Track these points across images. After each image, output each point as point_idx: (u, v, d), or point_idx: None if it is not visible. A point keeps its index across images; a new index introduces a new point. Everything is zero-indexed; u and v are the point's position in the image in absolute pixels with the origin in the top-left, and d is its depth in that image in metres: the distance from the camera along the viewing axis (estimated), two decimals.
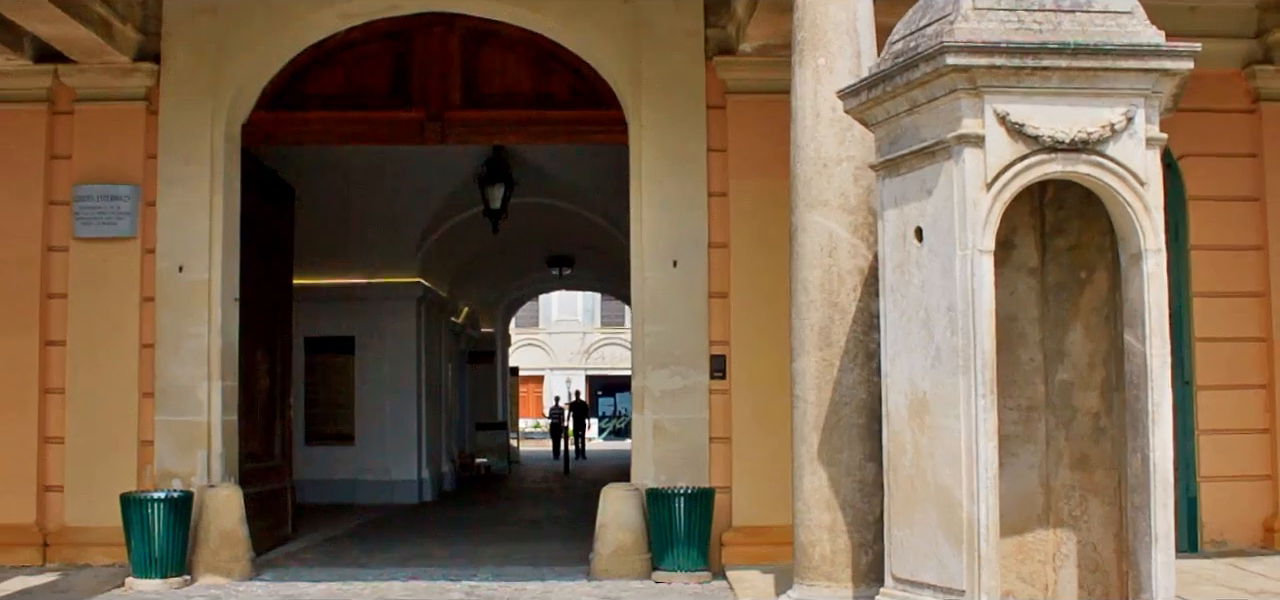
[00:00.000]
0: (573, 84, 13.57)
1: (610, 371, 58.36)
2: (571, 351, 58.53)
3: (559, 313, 58.22)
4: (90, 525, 12.55)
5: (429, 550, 14.71)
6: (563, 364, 58.12)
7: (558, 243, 25.27)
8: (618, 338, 59.34)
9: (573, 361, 58.09)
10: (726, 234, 12.81)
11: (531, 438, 45.87)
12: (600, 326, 59.80)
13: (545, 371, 57.88)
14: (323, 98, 13.67)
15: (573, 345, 58.59)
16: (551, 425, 38.83)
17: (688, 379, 12.72)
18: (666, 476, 12.49)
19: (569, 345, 58.63)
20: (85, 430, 12.70)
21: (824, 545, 8.85)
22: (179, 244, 12.78)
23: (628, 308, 54.77)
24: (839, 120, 8.93)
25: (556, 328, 58.63)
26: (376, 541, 15.68)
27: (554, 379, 57.83)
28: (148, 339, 12.80)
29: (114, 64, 12.72)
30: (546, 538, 16.28)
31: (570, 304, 56.99)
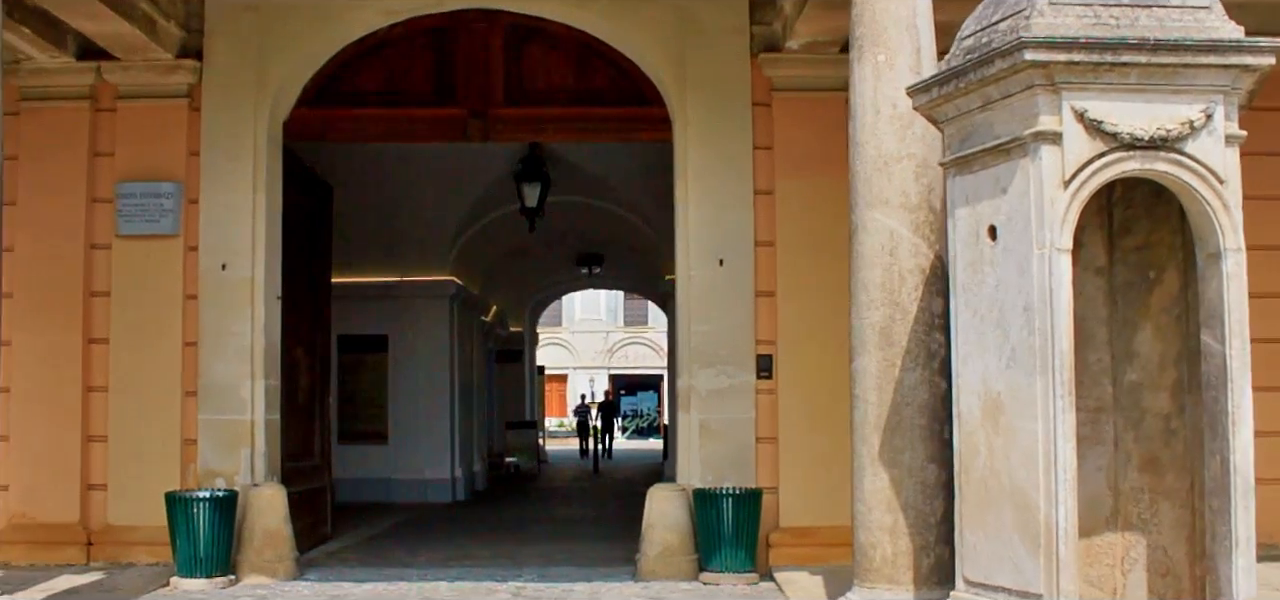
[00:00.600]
0: (615, 81, 13.48)
1: (633, 370, 58.29)
2: (594, 350, 58.38)
3: (582, 312, 58.11)
4: (134, 524, 12.50)
5: (470, 550, 14.62)
6: (586, 363, 57.99)
7: (588, 241, 25.15)
8: (641, 337, 59.25)
9: (596, 360, 57.96)
10: (772, 232, 12.71)
11: (555, 437, 45.78)
12: (623, 325, 59.65)
13: (568, 370, 57.75)
14: (364, 95, 13.61)
15: (596, 344, 58.46)
16: (578, 424, 38.67)
17: (734, 378, 12.63)
18: (713, 477, 12.39)
19: (592, 344, 58.51)
20: (128, 429, 12.63)
21: (885, 547, 8.74)
22: (222, 241, 12.72)
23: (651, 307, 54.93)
24: (899, 117, 8.83)
25: (580, 327, 58.50)
26: (416, 541, 15.59)
27: (577, 378, 57.67)
28: (190, 337, 12.74)
29: (157, 61, 12.66)
30: (585, 538, 16.17)
31: (593, 303, 56.88)
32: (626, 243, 24.24)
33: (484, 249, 22.58)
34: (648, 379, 57.35)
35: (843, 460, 12.19)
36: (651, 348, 58.68)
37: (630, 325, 59.54)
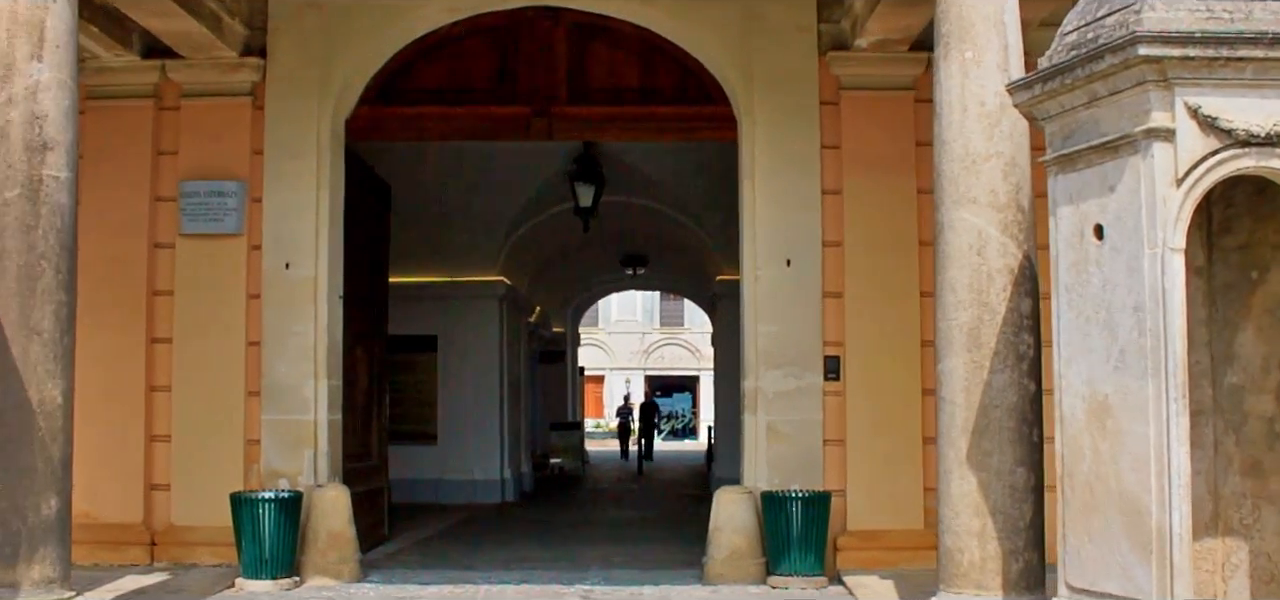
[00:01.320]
0: (680, 79, 13.37)
1: (669, 372, 58.13)
2: (631, 351, 58.23)
3: (619, 313, 57.97)
4: (196, 524, 12.43)
5: (529, 553, 14.52)
6: (622, 364, 57.87)
7: (634, 242, 24.99)
8: (677, 338, 59.10)
9: (632, 361, 57.80)
10: (840, 233, 12.59)
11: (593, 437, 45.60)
12: (660, 326, 59.50)
13: (605, 371, 57.62)
14: (426, 92, 13.53)
15: (632, 345, 58.31)
16: (620, 425, 38.40)
17: (802, 380, 12.50)
18: (779, 479, 12.27)
19: (628, 345, 58.37)
20: (191, 429, 12.58)
21: (973, 552, 8.63)
22: (285, 240, 12.66)
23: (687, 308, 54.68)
24: (987, 115, 8.72)
25: (616, 328, 58.34)
26: (473, 543, 15.51)
27: (614, 379, 57.58)
28: (253, 336, 12.69)
29: (221, 59, 12.61)
30: (642, 540, 16.05)
31: (630, 304, 56.74)
32: (672, 244, 24.12)
33: (532, 249, 22.50)
34: (684, 380, 57.22)
35: (911, 463, 12.32)
36: (687, 349, 58.56)
37: (666, 326, 59.38)
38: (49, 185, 9.06)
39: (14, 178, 8.95)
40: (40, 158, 9.02)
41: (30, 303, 8.95)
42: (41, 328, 8.98)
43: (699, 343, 58.07)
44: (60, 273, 9.11)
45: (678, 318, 58.63)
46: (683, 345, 59.12)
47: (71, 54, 9.33)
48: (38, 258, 8.98)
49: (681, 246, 24.03)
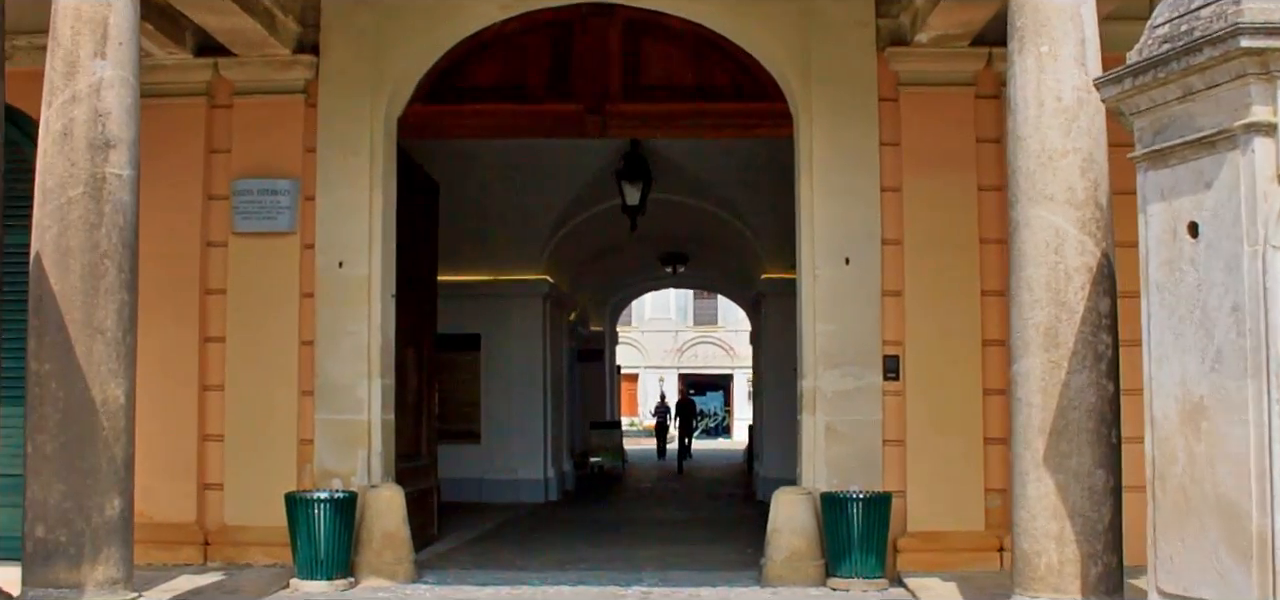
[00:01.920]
0: (735, 76, 13.21)
1: (702, 370, 57.94)
2: (664, 350, 58.03)
3: (652, 311, 57.75)
4: (250, 524, 12.34)
5: (581, 553, 14.40)
6: (656, 363, 57.67)
7: (675, 240, 24.82)
8: (711, 336, 58.90)
9: (665, 360, 57.61)
10: (899, 230, 12.42)
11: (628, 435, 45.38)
12: (693, 325, 59.33)
13: (639, 370, 57.46)
14: (479, 90, 13.40)
15: (665, 344, 58.11)
16: (657, 424, 38.11)
17: (861, 380, 12.34)
18: (839, 480, 12.11)
19: (662, 344, 58.18)
20: (244, 428, 12.49)
21: (1050, 555, 8.46)
22: (339, 239, 12.57)
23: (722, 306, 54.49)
24: (1065, 110, 8.58)
25: (650, 326, 58.14)
26: (523, 542, 15.41)
27: (647, 377, 57.44)
28: (307, 335, 12.59)
29: (274, 57, 12.51)
30: (694, 540, 15.92)
31: (663, 302, 56.51)
32: (714, 242, 23.97)
33: (574, 247, 22.38)
34: (717, 378, 57.04)
35: (972, 464, 12.17)
36: (721, 347, 58.36)
37: (700, 325, 59.19)
38: (112, 183, 8.99)
39: (77, 176, 8.90)
40: (103, 156, 8.96)
41: (93, 301, 8.89)
42: (105, 326, 8.92)
43: (733, 341, 57.88)
44: (123, 271, 9.05)
45: (711, 316, 58.43)
46: (716, 344, 58.91)
47: (134, 51, 9.26)
48: (101, 256, 8.92)
49: (723, 245, 23.87)
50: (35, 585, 8.71)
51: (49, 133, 8.97)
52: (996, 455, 12.19)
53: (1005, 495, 12.05)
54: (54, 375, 8.82)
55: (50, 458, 8.78)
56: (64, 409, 8.79)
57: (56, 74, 8.99)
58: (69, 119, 8.90)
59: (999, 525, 12.13)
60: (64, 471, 8.75)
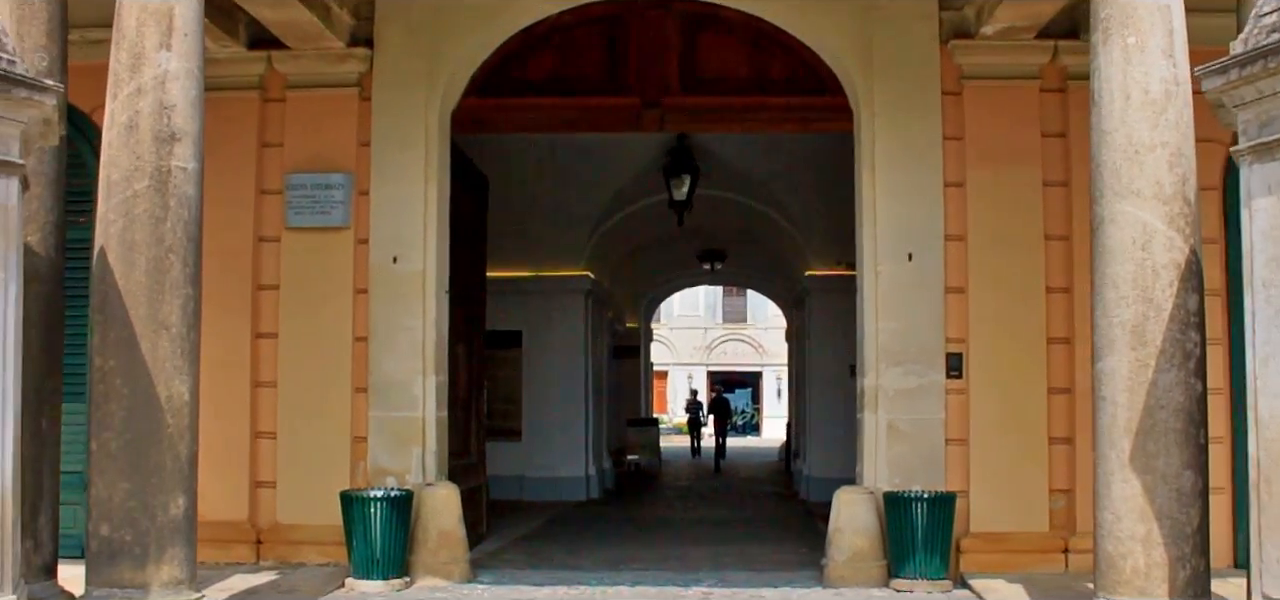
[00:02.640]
0: (794, 69, 13.03)
1: (731, 368, 57.69)
2: (693, 347, 57.79)
3: (681, 308, 57.46)
4: (302, 523, 12.21)
5: (632, 553, 14.21)
6: (684, 360, 57.43)
7: (714, 235, 24.58)
8: (739, 333, 58.67)
9: (694, 357, 57.38)
10: (963, 226, 12.22)
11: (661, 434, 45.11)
12: (722, 322, 59.08)
13: (668, 367, 57.17)
14: (532, 83, 13.26)
15: (694, 341, 57.87)
16: (690, 421, 37.70)
17: (924, 378, 12.14)
18: (900, 479, 11.93)
19: (691, 341, 57.92)
20: (297, 426, 12.35)
21: (1136, 558, 8.26)
22: (393, 234, 12.41)
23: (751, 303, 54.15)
24: (1152, 103, 8.38)
25: (678, 323, 57.89)
26: (571, 541, 15.23)
27: (676, 375, 57.20)
28: (360, 332, 12.44)
29: (328, 50, 12.36)
30: (743, 539, 15.67)
31: (692, 300, 56.24)
32: (755, 238, 23.77)
33: (615, 244, 22.19)
34: (745, 376, 56.81)
35: (1037, 464, 11.97)
36: (750, 345, 58.13)
37: (729, 322, 58.94)
38: (177, 177, 8.82)
39: (143, 169, 8.73)
40: (168, 149, 8.79)
41: (159, 297, 8.72)
42: (170, 322, 8.75)
43: (761, 339, 57.65)
44: (187, 266, 8.88)
45: (740, 314, 58.21)
46: (745, 341, 58.67)
47: (198, 43, 9.10)
48: (166, 251, 8.75)
49: (763, 241, 23.68)
50: (100, 585, 8.55)
51: (113, 125, 8.81)
52: (1061, 455, 12.04)
53: (1070, 495, 11.96)
54: (118, 372, 8.66)
55: (115, 455, 8.62)
56: (129, 406, 8.63)
57: (121, 66, 8.83)
58: (134, 111, 8.74)
59: (1063, 526, 11.96)
60: (129, 470, 8.59)
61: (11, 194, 7.31)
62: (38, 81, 7.41)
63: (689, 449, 37.24)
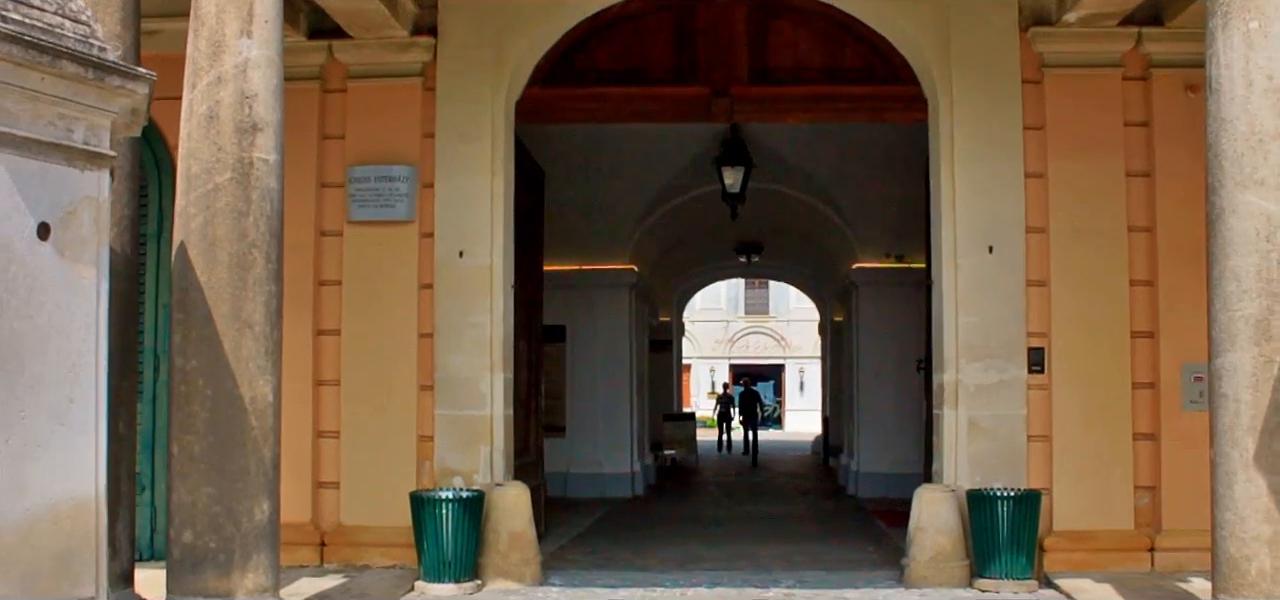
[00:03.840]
0: (866, 58, 12.73)
1: (753, 360, 57.31)
2: (715, 340, 57.48)
3: (703, 301, 56.86)
4: (367, 524, 11.93)
5: (696, 552, 13.89)
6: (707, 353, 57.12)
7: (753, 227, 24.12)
8: (761, 326, 58.35)
9: (716, 350, 57.07)
10: (1044, 218, 11.93)
11: None
12: (744, 315, 58.73)
13: (691, 360, 56.77)
14: (598, 73, 12.96)
15: (716, 334, 57.56)
16: (719, 415, 37.19)
17: (1005, 373, 11.85)
18: (981, 477, 11.66)
19: (712, 334, 57.61)
20: (361, 425, 12.06)
21: (1262, 560, 7.96)
22: (459, 227, 12.13)
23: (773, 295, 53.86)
24: (1276, 90, 8.05)
25: (700, 316, 57.43)
26: (632, 540, 14.94)
27: (699, 368, 56.88)
28: (425, 328, 12.16)
29: (391, 38, 12.06)
30: (805, 537, 15.32)
31: (714, 293, 55.78)
32: (796, 230, 23.41)
33: (658, 236, 21.86)
34: (767, 369, 56.44)
35: (1121, 461, 11.69)
36: (772, 337, 57.83)
37: (751, 315, 58.61)
38: (259, 169, 8.56)
39: (225, 161, 8.46)
40: (250, 139, 8.52)
41: (242, 294, 8.45)
42: (253, 320, 8.48)
43: (784, 331, 57.35)
44: (270, 262, 8.61)
45: (762, 306, 57.91)
46: (767, 333, 58.39)
47: (278, 30, 8.84)
48: (249, 246, 8.48)
49: (805, 233, 23.31)
50: (183, 593, 8.29)
51: (193, 116, 8.53)
52: (1145, 451, 11.79)
53: (1154, 492, 11.70)
54: (201, 372, 8.38)
55: (198, 459, 8.34)
56: (212, 407, 8.36)
57: (200, 54, 8.56)
58: (215, 101, 8.47)
59: (1148, 524, 11.71)
60: (213, 474, 8.32)
61: (103, 187, 6.99)
62: (130, 69, 7.08)
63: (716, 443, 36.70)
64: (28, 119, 6.47)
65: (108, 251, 7.09)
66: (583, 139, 17.04)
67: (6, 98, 6.38)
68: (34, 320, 6.51)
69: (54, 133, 6.64)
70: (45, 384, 6.56)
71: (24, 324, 6.45)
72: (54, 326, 6.62)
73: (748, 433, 33.68)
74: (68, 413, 6.68)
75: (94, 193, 6.92)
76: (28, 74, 6.39)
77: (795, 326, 56.83)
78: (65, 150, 6.68)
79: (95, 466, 6.87)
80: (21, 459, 6.38)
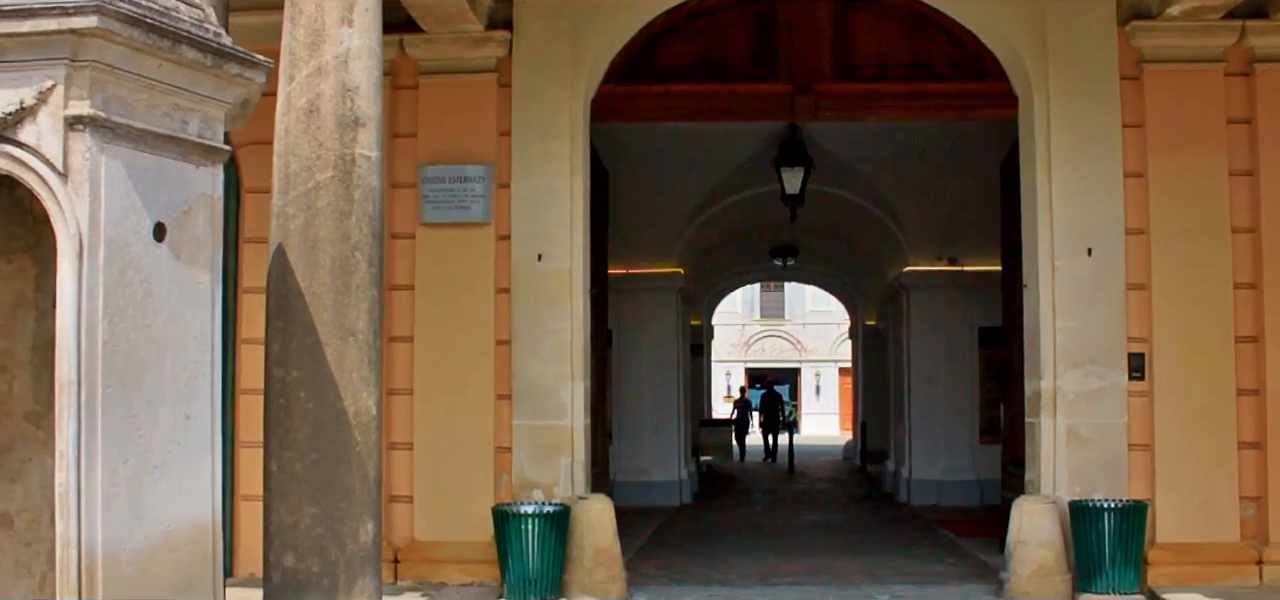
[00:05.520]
0: (952, 54, 12.32)
1: (769, 364, 56.77)
2: (731, 344, 56.66)
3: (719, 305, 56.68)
4: (443, 540, 11.49)
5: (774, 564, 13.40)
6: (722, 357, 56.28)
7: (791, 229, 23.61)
8: (777, 329, 57.84)
9: (732, 354, 56.36)
10: (1144, 219, 11.52)
11: None
12: (759, 318, 58.19)
13: None
14: (675, 69, 12.52)
15: (732, 337, 56.78)
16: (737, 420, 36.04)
17: (1105, 379, 11.43)
18: (1081, 487, 11.29)
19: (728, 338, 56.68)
20: (435, 436, 11.61)
21: None
22: (537, 230, 11.71)
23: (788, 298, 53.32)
24: None
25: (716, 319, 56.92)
26: (700, 551, 14.50)
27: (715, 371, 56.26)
28: (502, 335, 11.71)
29: (465, 33, 11.60)
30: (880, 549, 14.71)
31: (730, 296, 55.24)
32: (838, 233, 22.95)
33: (701, 240, 21.39)
34: (783, 372, 55.87)
35: (1226, 470, 11.28)
36: (789, 341, 57.32)
37: (766, 318, 58.08)
38: (361, 166, 8.02)
39: (326, 158, 7.94)
40: (352, 135, 7.99)
41: (345, 300, 7.93)
42: (356, 328, 7.95)
43: (800, 334, 56.82)
44: (373, 265, 8.10)
45: (778, 309, 57.39)
46: (784, 337, 57.85)
47: (379, 18, 8.35)
48: (351, 248, 7.95)
49: (847, 236, 22.87)
50: None
51: (291, 110, 8.02)
52: (1251, 460, 11.40)
53: (1260, 503, 11.30)
54: (303, 384, 7.86)
55: (299, 478, 7.82)
56: (314, 422, 7.83)
57: (299, 44, 8.05)
58: (315, 94, 7.96)
59: (1254, 536, 11.32)
60: (316, 493, 7.79)
61: (218, 184, 6.48)
62: (249, 57, 6.57)
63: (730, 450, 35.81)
64: (143, 109, 5.96)
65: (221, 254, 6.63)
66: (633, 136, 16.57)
67: (123, 86, 5.86)
68: (150, 330, 6.02)
69: (169, 124, 6.13)
70: (162, 400, 6.08)
71: (140, 334, 5.96)
72: (170, 337, 6.14)
73: (768, 437, 33.13)
74: (185, 431, 6.21)
75: (209, 190, 6.42)
76: (145, 60, 5.88)
77: (811, 329, 56.28)
78: (180, 144, 6.17)
79: (211, 488, 6.42)
80: (139, 482, 5.90)
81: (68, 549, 5.64)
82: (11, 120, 5.72)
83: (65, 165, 5.68)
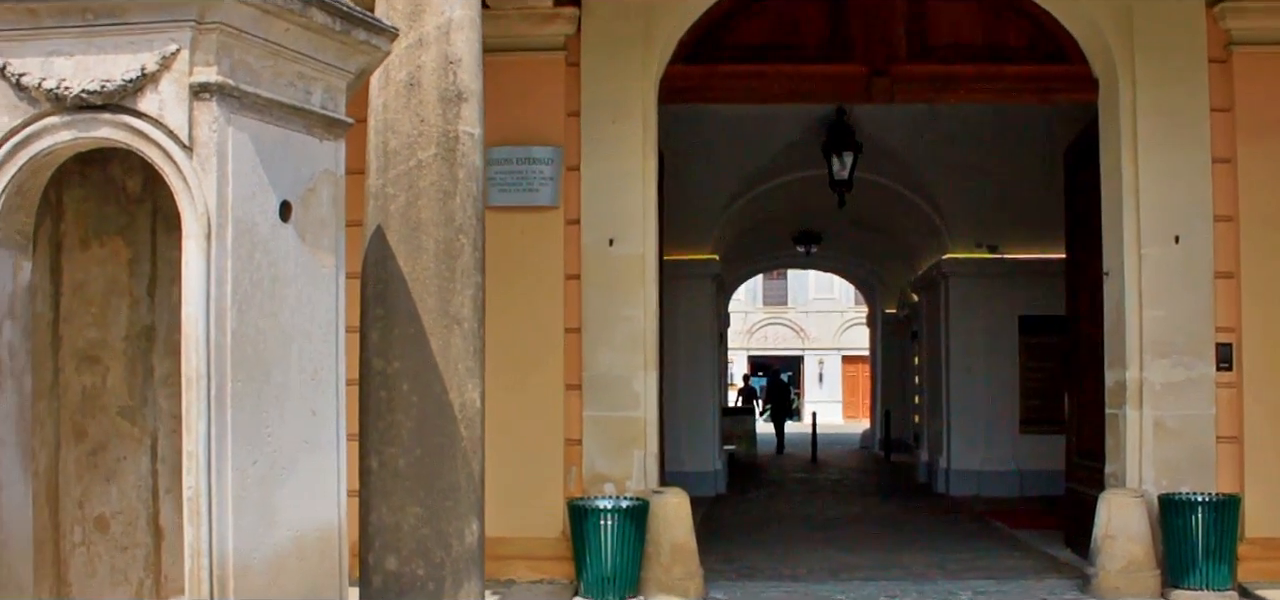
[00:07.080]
0: (1030, 35, 11.95)
1: (772, 351, 56.50)
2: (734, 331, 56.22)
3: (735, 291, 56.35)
4: (510, 536, 10.99)
5: (839, 558, 13.07)
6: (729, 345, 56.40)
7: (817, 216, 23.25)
8: (780, 317, 57.59)
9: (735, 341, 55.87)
10: (1233, 206, 11.20)
11: None
12: (762, 306, 57.91)
13: None
14: (745, 49, 12.08)
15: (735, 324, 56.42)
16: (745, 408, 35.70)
17: (1192, 370, 11.12)
18: (1168, 481, 10.98)
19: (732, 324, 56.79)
20: (502, 428, 10.98)
21: None
22: (608, 214, 11.32)
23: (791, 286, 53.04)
24: None
25: None
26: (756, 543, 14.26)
27: None
28: (572, 322, 11.33)
29: (533, 9, 11.18)
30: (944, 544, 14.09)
31: None
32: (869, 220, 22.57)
33: (734, 226, 21.01)
34: (787, 359, 55.57)
35: None
36: (791, 328, 57.08)
37: (769, 305, 57.81)
38: (464, 144, 7.60)
39: (428, 134, 7.51)
40: (455, 110, 7.56)
41: (450, 286, 7.52)
42: (462, 316, 7.57)
43: (803, 322, 56.58)
44: (477, 249, 7.70)
45: (780, 296, 57.15)
46: (786, 324, 57.62)
47: None
48: (456, 231, 7.53)
49: (879, 224, 22.50)
50: None
51: (390, 83, 7.59)
52: None
53: None
54: (405, 375, 7.45)
55: (402, 475, 7.41)
56: (418, 416, 7.42)
57: (397, 13, 7.60)
58: (416, 66, 7.53)
59: None
60: (420, 491, 7.38)
61: (340, 160, 6.06)
62: (377, 23, 6.18)
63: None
64: (269, 78, 5.52)
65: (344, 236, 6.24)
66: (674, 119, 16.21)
67: (249, 51, 5.39)
68: (277, 318, 5.63)
69: (294, 95, 5.69)
70: (289, 395, 5.68)
71: (267, 323, 5.57)
72: (296, 326, 5.75)
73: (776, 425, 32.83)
74: (312, 428, 5.83)
75: (332, 166, 6.01)
76: (273, 23, 5.44)
77: (814, 317, 56.09)
78: (304, 115, 5.73)
79: (337, 489, 6.06)
80: (268, 484, 5.51)
81: (199, 559, 5.24)
82: (132, 88, 5.25)
83: (190, 137, 5.25)
